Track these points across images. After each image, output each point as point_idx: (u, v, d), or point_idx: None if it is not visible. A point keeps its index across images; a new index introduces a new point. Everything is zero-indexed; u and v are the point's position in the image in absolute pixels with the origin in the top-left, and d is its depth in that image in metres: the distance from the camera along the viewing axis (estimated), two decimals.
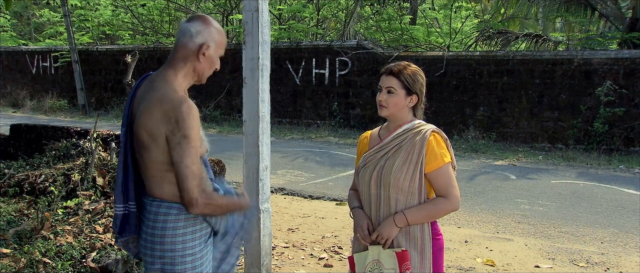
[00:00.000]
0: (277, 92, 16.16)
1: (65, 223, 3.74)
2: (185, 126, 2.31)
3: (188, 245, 2.47)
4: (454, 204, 2.69)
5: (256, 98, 4.04)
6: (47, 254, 3.41)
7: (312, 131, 14.95)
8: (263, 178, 4.12)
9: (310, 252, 5.73)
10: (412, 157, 2.66)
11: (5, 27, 26.04)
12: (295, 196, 8.12)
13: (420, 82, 2.75)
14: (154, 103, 2.38)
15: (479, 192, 8.24)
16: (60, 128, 4.92)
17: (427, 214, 2.69)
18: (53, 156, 4.38)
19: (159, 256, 2.46)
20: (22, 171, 4.25)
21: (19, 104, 20.44)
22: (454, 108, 13.87)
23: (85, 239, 3.60)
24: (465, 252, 5.68)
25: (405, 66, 2.75)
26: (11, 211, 3.83)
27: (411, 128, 2.72)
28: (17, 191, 4.08)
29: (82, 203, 3.97)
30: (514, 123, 13.22)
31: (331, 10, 20.11)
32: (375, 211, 2.75)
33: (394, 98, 2.71)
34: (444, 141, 2.74)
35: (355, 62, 15.12)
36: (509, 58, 13.28)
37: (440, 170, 2.67)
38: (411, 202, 2.68)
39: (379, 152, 2.75)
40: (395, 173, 2.66)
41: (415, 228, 2.69)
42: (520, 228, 6.54)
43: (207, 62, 2.52)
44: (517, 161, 11.11)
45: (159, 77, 2.50)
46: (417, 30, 17.06)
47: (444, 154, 2.68)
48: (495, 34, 15.70)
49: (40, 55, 20.91)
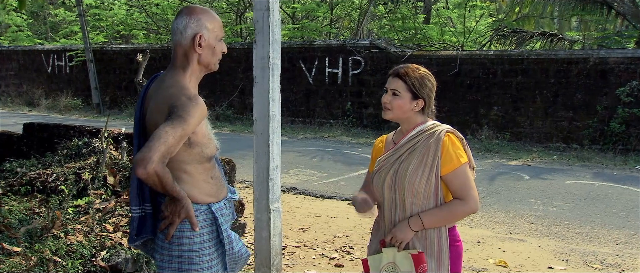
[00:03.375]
0: (290, 92, 16.16)
1: (76, 221, 3.75)
2: (185, 110, 2.28)
3: (206, 245, 2.49)
4: (472, 206, 2.59)
5: (267, 97, 4.03)
6: (57, 253, 3.42)
7: (325, 131, 14.93)
8: (273, 177, 4.11)
9: (322, 251, 5.71)
10: (426, 160, 2.58)
11: (22, 27, 26.28)
12: (307, 195, 8.10)
13: (428, 87, 2.65)
14: (163, 101, 2.39)
15: (492, 192, 8.17)
16: (72, 127, 4.94)
17: (444, 217, 2.60)
18: (65, 155, 4.40)
19: (177, 256, 2.46)
20: (34, 169, 4.27)
21: (35, 103, 20.61)
22: (468, 107, 13.78)
23: (95, 238, 3.61)
24: (477, 253, 5.63)
25: (414, 69, 2.65)
26: (23, 209, 3.85)
27: (424, 130, 2.65)
28: (28, 189, 4.09)
29: (93, 201, 3.98)
30: (528, 123, 13.11)
31: (345, 9, 20.06)
32: (390, 216, 2.69)
33: (398, 101, 2.63)
34: (460, 140, 2.65)
35: (368, 62, 15.07)
36: (523, 57, 13.16)
37: (457, 172, 2.58)
38: (427, 206, 2.61)
39: (393, 155, 2.68)
40: (410, 176, 2.58)
41: (432, 233, 2.61)
42: (534, 228, 6.48)
43: (206, 50, 2.49)
44: (531, 161, 11.01)
45: (168, 76, 2.50)
46: (431, 30, 16.97)
47: (460, 155, 2.59)
48: (509, 33, 15.61)
49: (56, 54, 21.07)
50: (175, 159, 2.36)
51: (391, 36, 17.65)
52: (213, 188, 2.53)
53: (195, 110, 2.31)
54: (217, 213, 2.51)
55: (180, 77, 2.46)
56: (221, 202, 2.57)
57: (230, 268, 2.61)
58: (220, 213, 2.54)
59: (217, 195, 2.56)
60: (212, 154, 2.50)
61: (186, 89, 2.39)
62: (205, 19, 2.47)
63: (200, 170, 2.47)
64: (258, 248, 4.16)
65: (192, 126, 2.30)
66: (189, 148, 2.39)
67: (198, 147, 2.42)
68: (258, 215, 4.12)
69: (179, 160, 2.38)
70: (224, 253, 2.56)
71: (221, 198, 2.58)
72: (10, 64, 22.15)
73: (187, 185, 2.41)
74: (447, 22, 19.16)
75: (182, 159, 2.39)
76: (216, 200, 2.54)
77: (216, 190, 2.55)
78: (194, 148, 2.40)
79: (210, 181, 2.51)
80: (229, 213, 2.66)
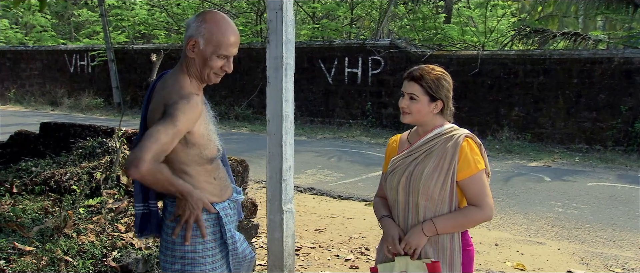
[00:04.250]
0: (309, 92, 16.14)
1: (88, 221, 3.76)
2: (176, 107, 2.24)
3: (209, 246, 2.46)
4: (487, 213, 2.54)
5: (280, 97, 4.00)
6: (69, 252, 3.42)
7: (344, 131, 14.88)
8: (286, 178, 4.07)
9: (337, 252, 5.67)
10: (443, 163, 2.53)
11: (46, 27, 26.63)
12: (324, 196, 8.06)
13: (445, 87, 2.58)
14: (160, 100, 2.37)
15: (511, 194, 8.05)
16: (87, 126, 4.96)
17: (458, 223, 2.55)
18: (79, 154, 4.41)
19: (179, 257, 2.44)
20: (49, 169, 4.29)
21: (57, 103, 20.85)
22: (488, 107, 13.63)
23: (107, 238, 3.61)
24: (495, 256, 5.55)
25: (429, 71, 2.58)
26: (36, 209, 3.86)
27: (442, 133, 2.59)
28: (42, 189, 4.11)
29: (106, 201, 3.98)
30: (550, 124, 12.92)
31: (365, 8, 19.99)
32: (403, 219, 2.63)
33: (416, 105, 2.57)
34: (478, 146, 2.60)
35: (388, 61, 14.99)
36: (545, 57, 12.98)
37: (474, 178, 2.53)
38: (441, 210, 2.55)
39: (409, 157, 2.63)
40: (425, 179, 2.53)
41: (445, 238, 2.56)
42: (553, 231, 6.36)
43: (199, 58, 2.39)
44: (552, 162, 10.85)
45: (170, 75, 2.48)
46: (452, 29, 16.83)
47: (478, 161, 2.54)
48: (532, 32, 15.40)
49: (78, 54, 21.30)
50: (174, 160, 2.33)
51: (411, 36, 17.54)
52: (216, 188, 2.49)
53: (187, 108, 2.27)
54: (221, 213, 2.47)
55: (181, 77, 2.43)
56: (225, 202, 2.54)
57: (234, 269, 2.58)
58: (224, 213, 2.50)
59: (221, 194, 2.52)
60: (212, 155, 2.45)
61: (182, 88, 2.36)
62: (208, 28, 2.36)
63: (201, 172, 2.43)
64: (271, 249, 4.13)
65: (185, 124, 2.25)
66: (186, 148, 2.34)
67: (196, 148, 2.38)
68: (271, 216, 4.09)
69: (178, 161, 2.35)
70: (227, 254, 2.53)
71: (225, 198, 2.55)
72: (34, 63, 22.45)
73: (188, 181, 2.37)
74: (469, 22, 19.00)
75: (180, 160, 2.36)
76: (220, 200, 2.51)
77: (220, 190, 2.51)
78: (191, 149, 2.36)
79: (213, 182, 2.48)
80: (233, 214, 2.63)
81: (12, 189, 4.13)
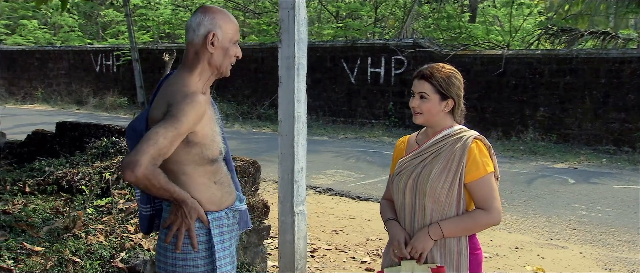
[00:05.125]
0: (332, 92, 16.08)
1: (98, 222, 3.74)
2: (177, 108, 2.18)
3: (200, 255, 2.35)
4: (494, 217, 2.47)
5: (292, 98, 3.94)
6: (77, 253, 3.41)
7: (366, 131, 14.78)
8: (298, 179, 4.01)
9: (353, 254, 5.61)
10: (451, 165, 2.46)
11: (74, 27, 27.00)
12: (343, 196, 7.99)
13: (456, 85, 2.52)
14: (162, 98, 2.31)
15: (534, 196, 7.89)
16: (102, 126, 4.97)
17: (465, 227, 2.47)
18: (93, 154, 4.42)
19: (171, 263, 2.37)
20: (62, 169, 4.30)
21: (83, 102, 21.11)
22: (513, 108, 13.41)
23: (116, 238, 3.59)
24: (514, 259, 5.42)
25: (439, 69, 2.53)
26: (47, 208, 3.86)
27: (451, 134, 2.52)
28: (55, 189, 4.12)
29: (117, 202, 3.97)
30: (577, 124, 12.66)
31: (389, 8, 19.85)
32: (409, 222, 2.57)
33: (427, 104, 2.51)
34: (487, 149, 2.52)
35: (411, 61, 14.85)
36: (572, 57, 12.73)
37: (482, 180, 2.45)
38: (448, 213, 2.48)
39: (416, 158, 2.56)
40: (433, 181, 2.46)
41: (451, 242, 2.49)
42: (576, 235, 6.20)
43: (219, 51, 2.36)
44: (578, 164, 10.62)
45: (174, 75, 2.42)
46: (476, 29, 16.62)
47: (487, 164, 2.47)
48: (559, 31, 15.13)
49: (104, 54, 21.54)
50: (172, 159, 2.25)
51: (436, 36, 17.37)
52: (215, 195, 2.39)
53: (190, 108, 2.20)
54: (212, 224, 2.35)
55: (186, 76, 2.36)
56: (222, 212, 2.41)
57: None
58: (217, 224, 2.38)
59: (220, 202, 2.41)
60: (213, 156, 2.36)
61: (185, 86, 2.29)
62: (220, 19, 2.36)
63: (200, 172, 2.33)
64: (282, 251, 4.07)
65: (187, 125, 2.19)
66: (187, 147, 2.26)
67: (197, 147, 2.29)
68: (282, 217, 4.04)
69: (176, 160, 2.27)
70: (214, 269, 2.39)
71: (224, 206, 2.43)
72: (61, 63, 22.76)
73: (183, 187, 2.27)
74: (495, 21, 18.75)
75: (179, 159, 2.27)
76: (217, 208, 2.39)
77: (219, 196, 2.40)
78: (193, 148, 2.28)
79: (212, 186, 2.37)
80: (231, 224, 2.48)
81: (25, 188, 4.14)
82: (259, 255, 4.35)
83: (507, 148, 12.15)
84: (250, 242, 4.26)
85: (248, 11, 22.19)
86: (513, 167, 10.12)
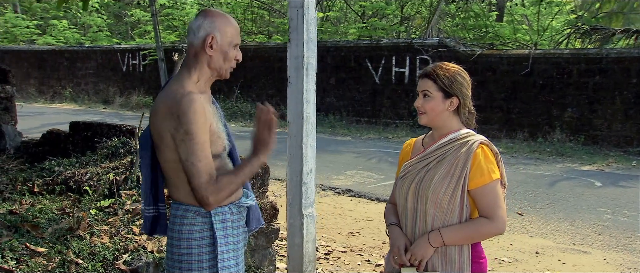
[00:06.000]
0: (356, 91, 15.96)
1: (103, 223, 3.71)
2: (186, 121, 2.19)
3: (205, 250, 2.35)
4: (498, 227, 2.36)
5: (300, 98, 3.86)
6: (80, 254, 3.38)
7: (390, 131, 14.63)
8: (307, 181, 3.93)
9: (368, 257, 5.52)
10: (454, 171, 2.37)
11: (102, 27, 27.34)
12: (362, 198, 7.88)
13: (459, 82, 2.44)
14: (161, 101, 2.32)
15: (557, 199, 7.67)
16: (114, 126, 4.95)
17: (466, 235, 2.37)
18: (103, 154, 4.40)
19: (177, 259, 2.37)
20: (71, 169, 4.29)
21: (109, 101, 21.33)
22: (540, 108, 13.13)
23: (120, 240, 3.55)
24: (534, 264, 5.27)
25: (442, 67, 2.47)
26: (54, 209, 3.85)
27: (457, 138, 2.43)
28: (63, 189, 4.10)
29: (124, 202, 3.93)
30: (606, 126, 12.34)
31: (415, 7, 19.65)
32: (411, 228, 2.48)
33: (430, 103, 2.44)
34: (494, 155, 2.42)
35: (436, 61, 14.60)
36: (602, 56, 12.41)
37: (486, 187, 2.35)
38: (450, 220, 2.38)
39: (420, 162, 2.48)
40: (435, 187, 2.37)
41: (453, 250, 2.39)
42: (600, 240, 6.00)
43: (218, 54, 2.37)
44: (606, 166, 10.34)
45: (173, 78, 2.42)
46: (503, 28, 16.33)
47: (492, 170, 2.36)
48: (589, 30, 14.77)
49: (130, 53, 21.73)
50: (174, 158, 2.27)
51: (462, 35, 17.13)
52: None
53: (193, 112, 2.20)
54: (215, 218, 2.34)
55: (184, 77, 2.36)
56: (225, 207, 2.40)
57: None
58: (220, 219, 2.37)
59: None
60: (217, 152, 2.36)
61: (182, 88, 2.29)
62: (220, 22, 2.37)
63: None
64: (291, 255, 4.00)
65: (201, 130, 2.22)
66: None
67: None
68: (291, 220, 3.96)
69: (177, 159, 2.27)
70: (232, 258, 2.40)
71: (227, 202, 2.41)
72: (89, 63, 23.04)
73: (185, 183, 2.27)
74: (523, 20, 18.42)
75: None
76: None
77: None
78: None
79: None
80: (236, 220, 2.46)
81: (34, 188, 4.14)
82: (267, 258, 4.28)
83: (533, 150, 11.90)
84: (258, 245, 4.19)
85: (273, 10, 22.18)
86: (538, 169, 9.89)
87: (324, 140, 13.10)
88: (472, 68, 13.81)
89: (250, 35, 19.86)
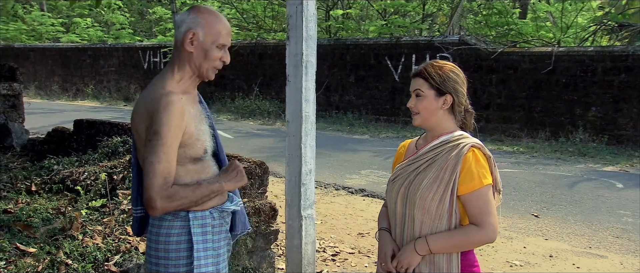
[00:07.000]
0: (375, 89, 15.80)
1: (98, 223, 3.65)
2: (157, 121, 2.11)
3: (182, 254, 2.27)
4: (488, 235, 2.23)
5: (299, 97, 3.76)
6: (71, 255, 3.31)
7: (409, 130, 14.45)
8: (306, 182, 3.83)
9: (376, 259, 5.36)
10: (443, 175, 2.25)
11: (124, 25, 27.55)
12: (375, 198, 7.75)
13: (452, 79, 2.32)
14: (141, 101, 2.25)
15: (575, 201, 7.44)
16: (116, 124, 4.90)
17: (454, 243, 2.25)
18: (103, 153, 4.34)
19: (154, 262, 2.31)
20: (70, 167, 4.24)
21: (131, 98, 21.45)
22: (563, 107, 12.83)
23: (113, 241, 3.48)
24: (547, 268, 5.09)
25: (434, 64, 2.36)
26: (49, 208, 3.80)
27: (449, 140, 2.31)
28: (60, 188, 4.05)
29: (121, 202, 3.87)
30: (631, 125, 11.99)
31: (436, 4, 19.40)
32: (400, 233, 2.38)
33: (423, 102, 2.32)
34: (487, 159, 2.29)
35: (456, 59, 14.41)
36: (628, 54, 12.06)
37: (476, 193, 2.22)
38: (439, 227, 2.27)
39: (411, 165, 2.37)
40: (423, 191, 2.26)
41: (441, 259, 2.28)
42: (618, 243, 5.79)
43: (198, 52, 2.26)
44: (630, 167, 10.04)
45: (158, 76, 2.35)
46: (526, 25, 16.01)
47: (483, 175, 2.23)
48: (616, 26, 14.41)
49: (151, 50, 21.81)
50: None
51: (485, 32, 16.85)
52: None
53: (166, 115, 2.11)
54: (193, 223, 2.25)
55: (167, 77, 2.29)
56: (206, 211, 2.31)
57: None
58: (199, 223, 2.28)
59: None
60: (196, 155, 2.27)
61: (162, 88, 2.21)
62: (206, 19, 2.27)
63: (182, 173, 2.23)
64: (289, 257, 3.90)
65: (171, 133, 2.12)
66: None
67: (180, 147, 2.20)
68: (290, 222, 3.87)
69: None
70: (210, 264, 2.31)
71: (208, 206, 2.32)
72: (111, 60, 23.21)
73: None
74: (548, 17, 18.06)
75: None
76: (199, 208, 2.29)
77: None
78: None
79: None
80: (218, 225, 2.37)
81: (31, 187, 4.09)
82: (266, 260, 4.18)
83: (554, 149, 11.63)
84: (256, 246, 4.10)
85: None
86: (558, 169, 9.63)
87: (341, 139, 12.98)
88: (493, 66, 13.57)
89: (270, 32, 19.77)
